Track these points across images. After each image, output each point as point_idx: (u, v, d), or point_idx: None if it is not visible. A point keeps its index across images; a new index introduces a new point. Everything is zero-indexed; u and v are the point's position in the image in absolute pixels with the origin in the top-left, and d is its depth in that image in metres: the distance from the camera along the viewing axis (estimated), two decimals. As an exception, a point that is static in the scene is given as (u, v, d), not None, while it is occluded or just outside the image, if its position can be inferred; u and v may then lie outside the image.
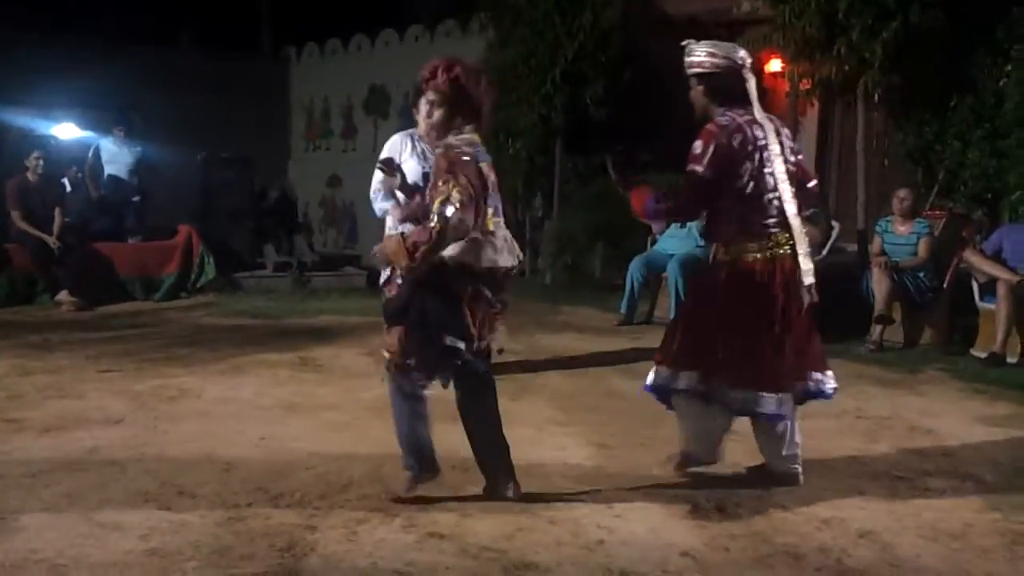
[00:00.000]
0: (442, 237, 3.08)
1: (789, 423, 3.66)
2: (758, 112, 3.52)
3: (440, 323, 3.22)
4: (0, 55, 12.45)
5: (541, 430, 4.46)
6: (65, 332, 6.80)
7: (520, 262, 3.41)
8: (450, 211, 3.06)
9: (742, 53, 3.56)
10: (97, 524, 3.20)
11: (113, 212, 9.14)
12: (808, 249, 3.56)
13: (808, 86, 8.51)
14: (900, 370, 5.93)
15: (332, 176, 15.33)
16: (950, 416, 4.87)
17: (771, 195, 3.49)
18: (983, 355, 6.14)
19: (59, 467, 3.79)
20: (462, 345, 3.24)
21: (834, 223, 7.36)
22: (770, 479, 3.72)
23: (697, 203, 3.57)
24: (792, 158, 3.59)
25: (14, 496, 3.45)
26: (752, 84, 3.52)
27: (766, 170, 3.48)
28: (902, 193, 6.91)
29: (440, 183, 3.12)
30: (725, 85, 3.53)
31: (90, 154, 9.33)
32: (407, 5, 14.60)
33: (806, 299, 3.59)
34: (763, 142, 3.48)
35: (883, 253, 6.77)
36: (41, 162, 8.18)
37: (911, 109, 8.20)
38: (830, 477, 3.86)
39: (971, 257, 6.50)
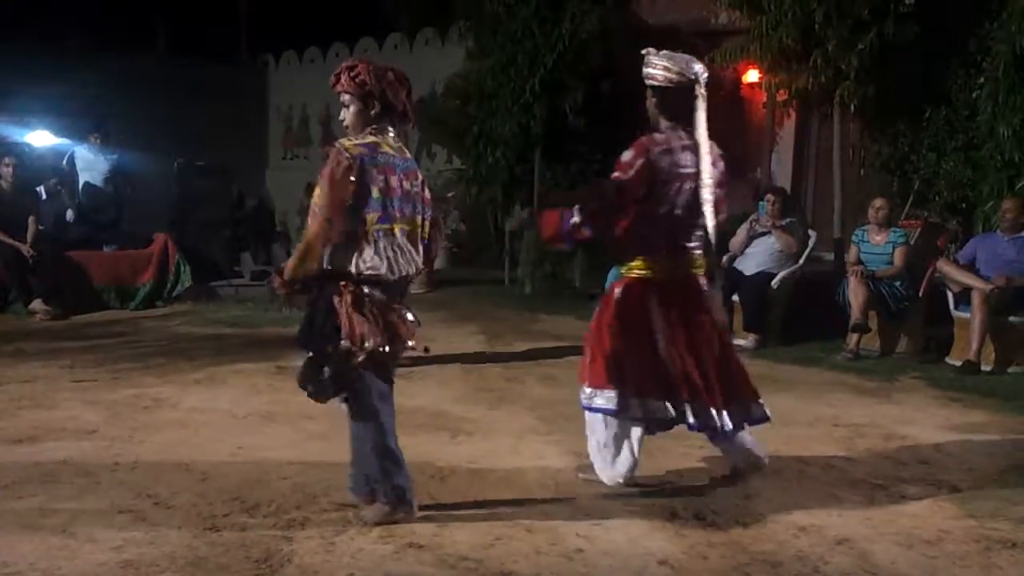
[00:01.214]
0: (307, 248, 3.09)
1: (738, 432, 3.69)
2: (701, 134, 3.53)
3: (322, 335, 3.16)
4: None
5: (520, 439, 4.45)
6: (39, 341, 6.72)
7: (416, 271, 3.32)
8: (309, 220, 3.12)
9: (698, 68, 3.55)
10: (70, 536, 3.15)
11: (90, 220, 9.04)
12: (714, 274, 3.60)
13: (785, 97, 8.60)
14: (876, 378, 5.97)
15: (310, 184, 15.27)
16: (926, 424, 4.91)
17: (685, 221, 3.55)
18: (958, 363, 6.20)
19: (32, 478, 3.73)
20: (342, 349, 3.11)
21: (811, 232, 7.42)
22: (738, 474, 3.77)
23: (618, 209, 3.52)
24: (718, 190, 3.62)
25: (-15, 508, 3.40)
26: (702, 102, 3.52)
27: (680, 199, 3.52)
28: (878, 203, 6.98)
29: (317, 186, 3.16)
30: (676, 101, 3.55)
31: (65, 162, 9.23)
32: (386, 14, 14.61)
33: (717, 320, 3.63)
34: (690, 169, 3.51)
35: (859, 262, 6.83)
36: (12, 169, 8.08)
37: (887, 120, 8.30)
38: (807, 485, 3.88)
39: (945, 267, 6.57)
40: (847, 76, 7.74)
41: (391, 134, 3.30)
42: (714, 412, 3.56)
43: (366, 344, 3.12)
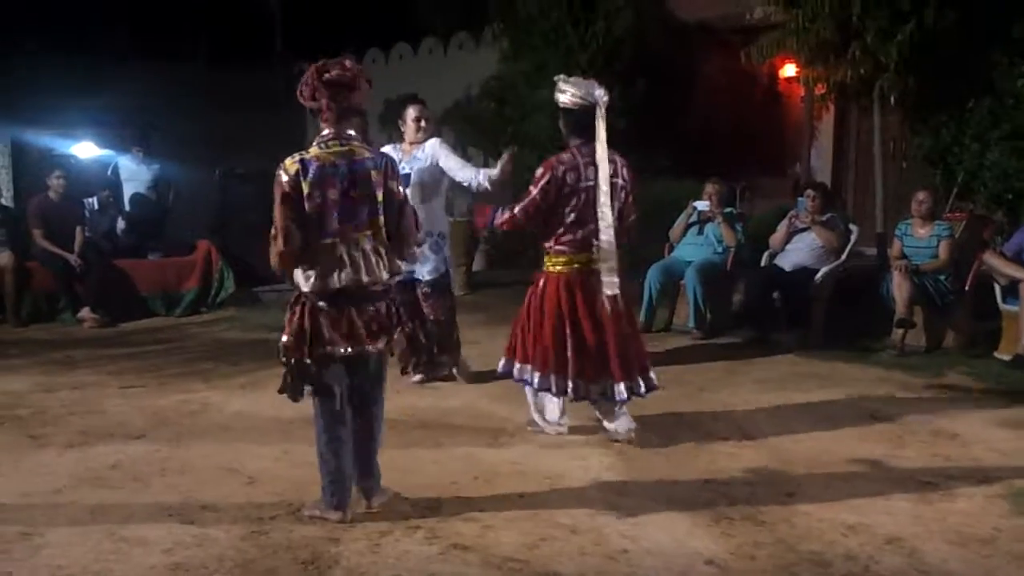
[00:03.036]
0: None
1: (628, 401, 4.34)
2: (600, 150, 4.15)
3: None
4: (20, 75, 12.63)
5: (561, 440, 4.44)
6: (87, 349, 6.85)
7: (379, 277, 3.35)
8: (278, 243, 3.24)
9: (599, 92, 4.20)
10: (121, 539, 3.22)
11: (136, 230, 9.18)
12: (613, 267, 4.17)
13: (823, 90, 8.47)
14: (923, 374, 5.87)
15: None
16: (975, 420, 4.82)
17: (590, 224, 4.19)
18: (1007, 358, 6.07)
19: (83, 483, 3.81)
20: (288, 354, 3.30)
21: (852, 227, 7.32)
22: (615, 438, 4.34)
23: (526, 219, 4.28)
24: (622, 195, 4.32)
25: (39, 512, 3.48)
26: (601, 123, 4.14)
27: (585, 207, 4.17)
28: (921, 196, 6.85)
29: None
30: (580, 121, 4.22)
31: (109, 172, 9.39)
32: (421, 19, 14.68)
33: (608, 307, 4.21)
34: (591, 183, 4.17)
35: (903, 256, 6.72)
36: (63, 181, 8.25)
37: (928, 111, 8.14)
38: (854, 483, 3.83)
39: (991, 259, 6.44)
40: (887, 68, 7.61)
41: (342, 138, 3.32)
42: (612, 383, 4.24)
43: (318, 351, 3.26)
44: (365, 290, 3.31)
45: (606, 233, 4.17)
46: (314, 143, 3.33)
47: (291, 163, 3.23)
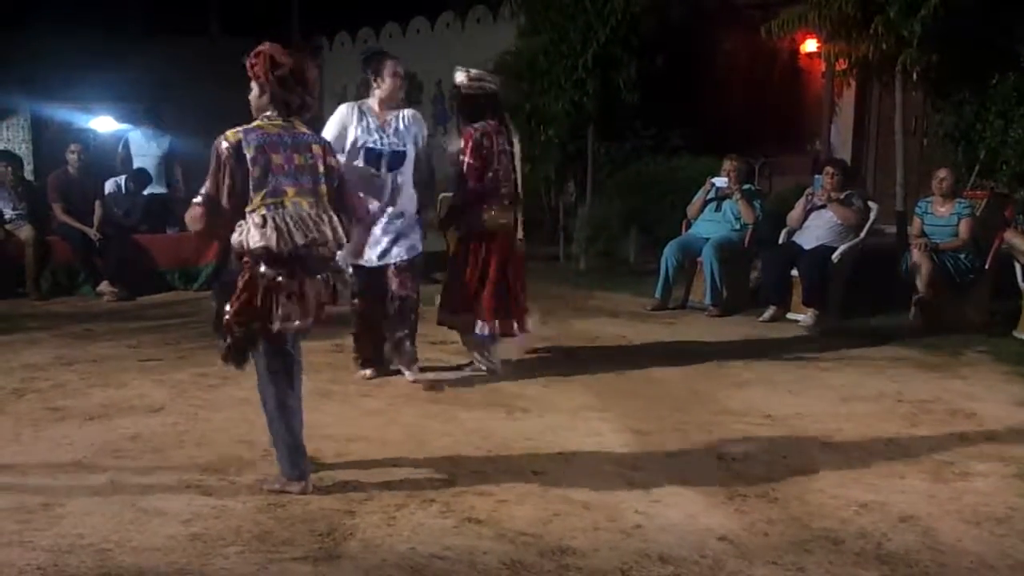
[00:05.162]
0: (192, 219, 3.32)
1: (490, 344, 5.17)
2: (508, 124, 5.10)
3: (220, 305, 3.35)
4: (38, 49, 12.66)
5: (576, 416, 4.46)
6: (107, 322, 6.91)
7: (328, 239, 3.36)
8: (197, 199, 3.30)
9: (492, 83, 5.11)
10: (141, 510, 3.25)
11: (146, 205, 9.16)
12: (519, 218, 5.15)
13: (844, 66, 8.38)
14: (941, 353, 5.84)
15: (365, 164, 15.39)
16: (992, 399, 4.80)
17: (503, 183, 5.04)
18: (1026, 337, 6.04)
19: (103, 454, 3.86)
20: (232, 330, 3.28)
21: (872, 204, 7.26)
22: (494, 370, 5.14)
23: (469, 181, 4.98)
24: (518, 163, 5.16)
25: (60, 483, 3.52)
26: (500, 104, 5.12)
27: (501, 168, 5.01)
28: (942, 173, 6.79)
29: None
30: (481, 104, 5.07)
31: (120, 147, 9.37)
32: (438, -8, 14.57)
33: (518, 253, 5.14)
34: (502, 147, 5.03)
35: (923, 234, 6.66)
36: (77, 155, 8.28)
37: (951, 87, 8.03)
38: (869, 461, 3.82)
39: (1013, 238, 6.39)
40: (909, 43, 7.50)
41: (284, 116, 3.41)
42: (514, 321, 5.11)
43: (252, 325, 3.26)
44: (318, 256, 3.35)
45: (514, 193, 5.10)
46: (257, 119, 3.41)
47: (232, 133, 3.31)
